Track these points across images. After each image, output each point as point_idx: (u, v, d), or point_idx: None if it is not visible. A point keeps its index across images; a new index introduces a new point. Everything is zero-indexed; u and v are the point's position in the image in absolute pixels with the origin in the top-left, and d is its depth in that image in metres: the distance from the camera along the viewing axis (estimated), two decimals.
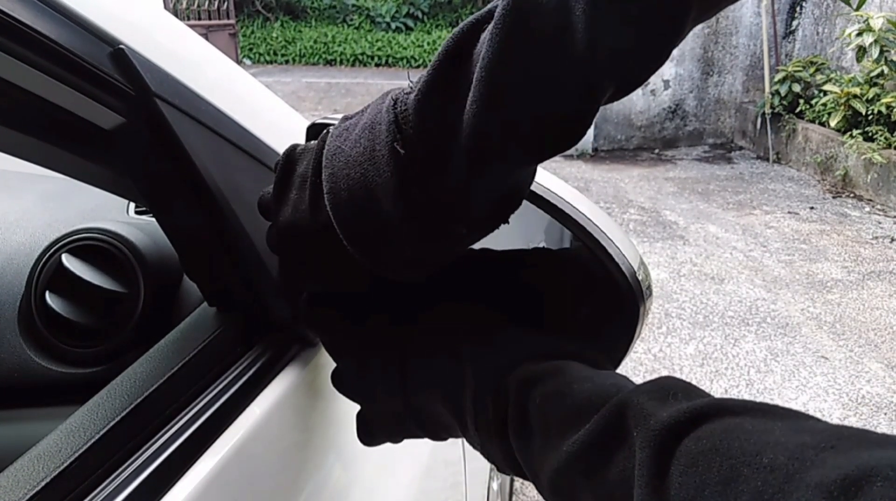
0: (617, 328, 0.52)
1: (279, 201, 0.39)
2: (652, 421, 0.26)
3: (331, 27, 10.31)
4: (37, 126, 0.39)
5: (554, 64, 0.27)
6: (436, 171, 0.31)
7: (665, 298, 2.76)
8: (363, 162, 0.33)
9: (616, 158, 5.01)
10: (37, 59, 0.33)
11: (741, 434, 0.24)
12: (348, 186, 0.34)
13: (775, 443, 0.23)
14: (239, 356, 0.45)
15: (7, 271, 0.65)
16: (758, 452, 0.23)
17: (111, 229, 0.62)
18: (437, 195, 0.32)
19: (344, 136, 0.35)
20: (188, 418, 0.38)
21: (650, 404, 0.28)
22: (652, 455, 0.26)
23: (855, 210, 3.82)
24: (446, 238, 0.35)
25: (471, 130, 0.29)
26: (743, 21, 5.10)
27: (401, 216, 0.33)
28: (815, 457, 0.22)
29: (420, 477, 0.68)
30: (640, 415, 0.27)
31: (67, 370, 0.61)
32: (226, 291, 0.48)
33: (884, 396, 2.11)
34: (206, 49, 0.49)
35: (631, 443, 0.27)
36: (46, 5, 0.34)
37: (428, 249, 0.35)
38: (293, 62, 9.95)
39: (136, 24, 0.40)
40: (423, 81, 0.31)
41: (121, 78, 0.37)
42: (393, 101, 0.33)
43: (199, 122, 0.42)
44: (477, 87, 0.28)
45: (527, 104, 0.28)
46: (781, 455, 0.22)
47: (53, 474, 0.32)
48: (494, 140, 0.29)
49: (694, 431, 0.25)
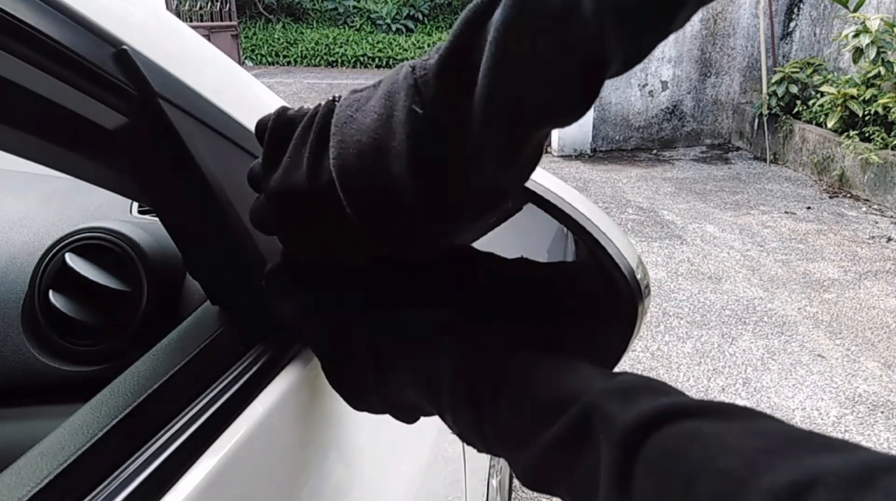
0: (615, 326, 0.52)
1: (270, 165, 0.38)
2: (618, 423, 0.28)
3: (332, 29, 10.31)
4: (40, 126, 0.39)
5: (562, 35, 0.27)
6: (453, 134, 0.31)
7: (663, 297, 2.77)
8: (377, 128, 0.33)
9: (614, 159, 5.02)
10: (40, 59, 0.33)
11: (700, 438, 0.26)
12: (358, 151, 0.33)
13: (731, 447, 0.25)
14: (241, 354, 0.45)
15: (11, 270, 0.65)
16: (714, 457, 0.25)
17: (114, 228, 0.62)
18: (449, 162, 0.32)
19: (355, 106, 0.35)
20: (190, 416, 0.39)
21: (614, 406, 0.29)
22: (616, 457, 0.27)
23: (852, 210, 3.83)
24: (451, 212, 0.34)
25: (482, 98, 0.30)
26: (740, 22, 5.10)
27: (409, 183, 0.32)
28: (767, 462, 0.23)
29: (420, 475, 0.68)
30: (605, 417, 0.29)
31: (70, 368, 0.61)
32: (228, 290, 0.48)
33: (880, 394, 2.12)
34: (209, 50, 0.50)
35: (595, 444, 0.29)
36: (50, 6, 0.34)
37: (432, 221, 0.35)
38: (295, 63, 9.94)
39: (139, 25, 0.40)
40: (445, 48, 0.31)
41: (124, 78, 0.37)
42: (411, 68, 0.33)
43: (202, 122, 0.42)
44: (489, 50, 0.29)
45: (535, 74, 0.28)
46: (736, 460, 0.24)
47: (56, 471, 0.32)
48: (503, 109, 0.30)
49: (656, 432, 0.27)
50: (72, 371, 0.61)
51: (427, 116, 0.31)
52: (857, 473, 0.21)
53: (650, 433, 0.27)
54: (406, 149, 0.32)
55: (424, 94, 0.31)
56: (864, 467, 0.22)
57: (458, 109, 0.31)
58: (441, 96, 0.31)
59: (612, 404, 0.29)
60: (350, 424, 0.54)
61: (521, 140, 0.32)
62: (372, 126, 0.33)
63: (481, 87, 0.29)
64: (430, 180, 0.33)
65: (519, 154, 0.33)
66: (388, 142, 0.33)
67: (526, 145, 0.32)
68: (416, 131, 0.32)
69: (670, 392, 0.30)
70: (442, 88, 0.31)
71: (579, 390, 0.32)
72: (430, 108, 0.31)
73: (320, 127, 0.36)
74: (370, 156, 0.33)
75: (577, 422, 0.30)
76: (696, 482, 0.24)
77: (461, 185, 0.33)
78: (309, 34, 9.96)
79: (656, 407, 0.28)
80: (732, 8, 5.06)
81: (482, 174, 0.33)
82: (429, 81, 0.31)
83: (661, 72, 5.13)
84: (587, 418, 0.30)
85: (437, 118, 0.31)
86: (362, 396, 0.42)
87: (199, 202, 0.43)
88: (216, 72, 0.48)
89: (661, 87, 5.18)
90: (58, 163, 0.46)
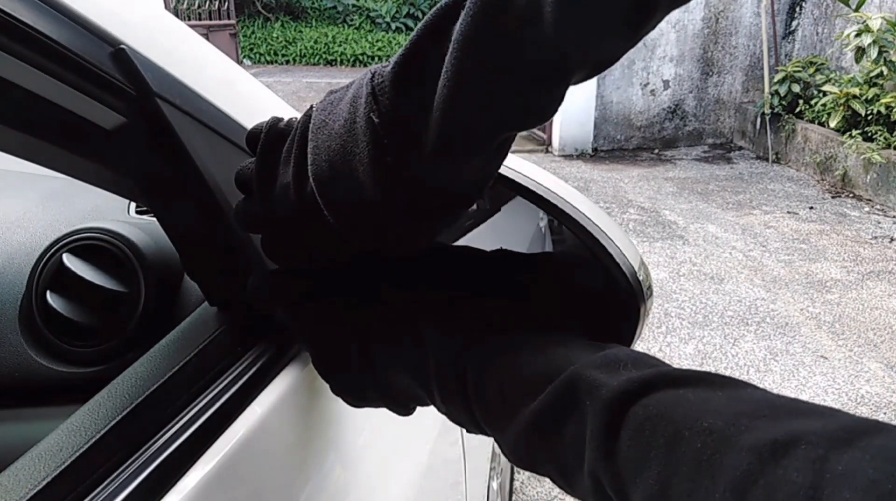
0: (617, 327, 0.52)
1: (264, 179, 0.38)
2: (604, 390, 0.29)
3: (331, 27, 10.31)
4: (38, 126, 0.39)
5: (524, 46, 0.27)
6: (409, 142, 0.32)
7: (665, 297, 2.76)
8: (343, 134, 0.33)
9: (616, 159, 5.01)
10: (38, 58, 0.33)
11: (684, 403, 0.26)
12: (329, 158, 0.34)
13: (714, 410, 0.25)
14: (239, 355, 0.45)
15: (8, 271, 0.65)
16: (698, 417, 0.25)
17: (112, 228, 0.62)
18: (411, 167, 0.32)
19: (328, 110, 0.35)
20: (189, 417, 0.38)
21: (601, 375, 0.30)
22: (603, 421, 0.28)
23: (854, 210, 3.82)
24: (423, 213, 0.35)
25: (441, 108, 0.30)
26: (742, 21, 5.10)
27: (376, 188, 0.33)
28: (749, 424, 0.24)
29: (420, 477, 0.68)
30: (591, 386, 0.30)
31: (68, 369, 0.61)
32: (226, 290, 0.48)
33: (883, 395, 2.11)
34: (207, 49, 0.49)
35: (582, 411, 0.29)
36: (47, 5, 0.34)
37: (406, 223, 0.35)
38: (294, 62, 9.95)
39: (137, 24, 0.40)
40: (401, 55, 0.31)
41: (122, 78, 0.37)
42: (371, 74, 0.33)
43: (200, 121, 0.42)
44: (449, 62, 0.29)
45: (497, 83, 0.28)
46: (720, 420, 0.25)
47: (54, 473, 0.32)
48: (465, 117, 0.30)
49: (642, 399, 0.28)
50: (69, 372, 0.60)
51: (383, 125, 0.32)
52: (838, 433, 0.22)
53: (636, 400, 0.28)
54: (367, 154, 0.32)
55: (381, 102, 0.32)
56: (845, 429, 0.22)
57: (414, 117, 0.31)
58: (396, 104, 0.31)
59: (599, 373, 0.30)
60: (349, 425, 0.54)
61: (482, 146, 0.32)
62: (339, 132, 0.34)
63: (441, 98, 0.29)
64: (393, 185, 0.33)
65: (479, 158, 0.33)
66: (352, 148, 0.33)
67: (487, 150, 0.32)
68: (374, 138, 0.32)
69: (657, 364, 0.31)
70: (396, 96, 0.31)
71: (565, 363, 0.32)
72: (385, 117, 0.32)
73: (301, 136, 0.36)
74: (340, 162, 0.34)
75: (562, 392, 0.31)
76: (680, 440, 0.25)
77: (424, 188, 0.33)
78: (308, 33, 9.96)
79: (643, 376, 0.29)
80: (734, 7, 5.05)
81: (444, 178, 0.33)
82: (385, 89, 0.32)
83: (663, 71, 5.13)
84: (573, 388, 0.30)
85: (393, 127, 0.32)
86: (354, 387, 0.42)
87: (197, 202, 0.42)
88: (214, 71, 0.48)
89: (663, 86, 5.18)
90: (55, 163, 0.46)
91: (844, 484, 0.20)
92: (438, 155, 0.32)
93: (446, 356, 0.37)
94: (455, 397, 0.37)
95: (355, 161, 0.33)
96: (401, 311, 0.40)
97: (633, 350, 0.32)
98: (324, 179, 0.34)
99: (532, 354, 0.34)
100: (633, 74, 5.08)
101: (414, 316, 0.40)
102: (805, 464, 0.21)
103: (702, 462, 0.24)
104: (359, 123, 0.33)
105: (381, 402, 0.42)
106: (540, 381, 0.32)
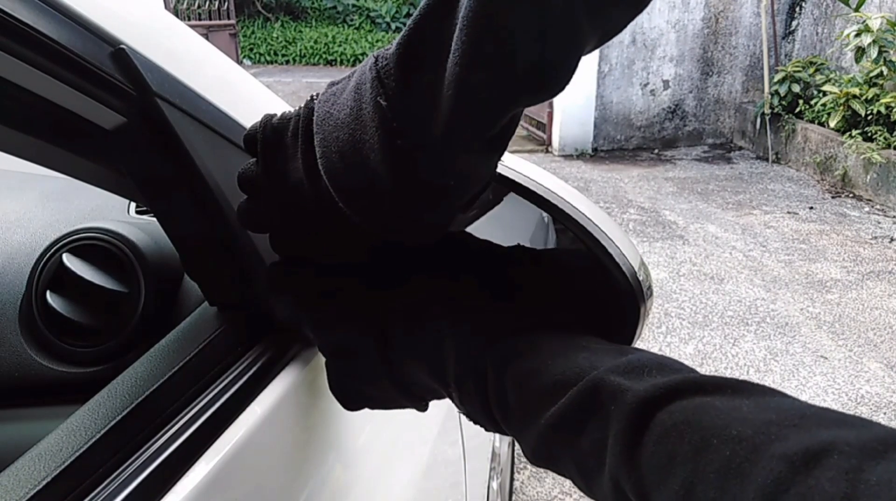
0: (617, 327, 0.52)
1: (273, 177, 0.38)
2: (628, 396, 0.28)
3: (331, 27, 10.31)
4: (38, 126, 0.39)
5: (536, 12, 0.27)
6: (419, 123, 0.31)
7: (665, 297, 2.76)
8: (350, 123, 0.33)
9: (615, 159, 5.01)
10: (38, 58, 0.33)
11: (712, 410, 0.26)
12: (339, 149, 0.33)
13: (743, 419, 0.25)
14: (240, 355, 0.45)
15: (8, 271, 0.65)
16: (727, 425, 0.25)
17: (112, 228, 0.62)
18: (422, 149, 0.32)
19: (332, 100, 0.35)
20: (189, 417, 0.38)
21: (625, 381, 0.29)
22: (627, 427, 0.27)
23: (854, 210, 3.82)
24: (437, 196, 0.34)
25: (455, 81, 0.29)
26: (742, 21, 5.10)
27: (389, 174, 0.32)
28: (779, 432, 0.24)
29: (420, 477, 0.68)
30: (615, 391, 0.29)
31: (68, 369, 0.61)
32: (226, 290, 0.48)
33: (883, 395, 2.11)
34: (207, 49, 0.49)
35: (605, 416, 0.29)
36: (47, 5, 0.34)
37: (422, 209, 0.35)
38: (293, 62, 9.95)
39: (137, 24, 0.40)
40: (404, 36, 0.31)
41: (121, 78, 0.37)
42: (374, 58, 0.33)
43: (200, 121, 0.42)
44: (460, 36, 0.28)
45: (511, 53, 0.28)
46: (749, 428, 0.24)
47: (54, 473, 0.32)
48: (479, 93, 0.29)
49: (668, 405, 0.27)
50: (69, 372, 0.61)
51: (391, 107, 0.31)
52: (872, 444, 0.22)
53: (662, 406, 0.27)
54: (378, 140, 0.32)
55: (387, 85, 0.31)
56: (878, 440, 0.22)
57: (423, 97, 0.31)
58: (404, 86, 0.31)
59: (623, 379, 0.29)
60: (349, 425, 0.54)
61: (494, 123, 0.31)
62: (346, 121, 0.33)
63: (452, 75, 0.29)
64: (407, 169, 0.32)
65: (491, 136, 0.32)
66: (361, 135, 0.32)
67: (497, 128, 0.32)
68: (383, 123, 0.31)
69: (682, 369, 0.30)
70: (404, 77, 0.31)
71: (587, 367, 0.31)
72: (393, 99, 0.31)
73: (305, 130, 0.36)
74: (350, 152, 0.33)
75: (585, 396, 0.30)
76: (707, 448, 0.24)
77: (437, 169, 0.33)
78: (308, 33, 9.96)
79: (669, 382, 0.28)
80: (734, 7, 5.05)
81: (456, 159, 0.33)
82: (391, 71, 0.31)
83: (663, 71, 5.13)
84: (596, 392, 0.30)
85: (402, 109, 0.31)
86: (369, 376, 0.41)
87: (196, 202, 0.42)
88: (214, 71, 0.48)
89: (663, 86, 5.17)
90: (55, 163, 0.46)
91: (879, 496, 0.20)
92: (451, 134, 0.31)
93: (467, 355, 0.36)
94: (474, 397, 0.36)
95: (366, 149, 0.32)
96: (422, 304, 0.40)
97: (657, 354, 0.31)
98: (336, 171, 0.34)
99: (554, 356, 0.33)
100: (633, 73, 5.08)
101: (435, 310, 0.39)
102: (838, 474, 0.21)
103: (730, 470, 0.23)
104: (365, 110, 0.32)
105: (395, 392, 0.41)
106: (562, 384, 0.31)
